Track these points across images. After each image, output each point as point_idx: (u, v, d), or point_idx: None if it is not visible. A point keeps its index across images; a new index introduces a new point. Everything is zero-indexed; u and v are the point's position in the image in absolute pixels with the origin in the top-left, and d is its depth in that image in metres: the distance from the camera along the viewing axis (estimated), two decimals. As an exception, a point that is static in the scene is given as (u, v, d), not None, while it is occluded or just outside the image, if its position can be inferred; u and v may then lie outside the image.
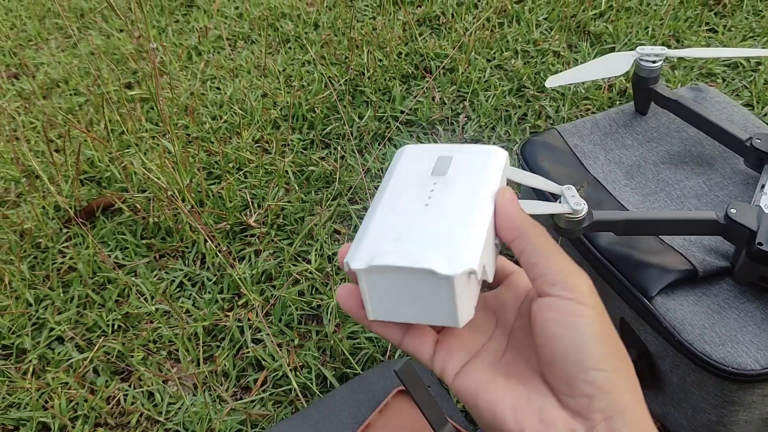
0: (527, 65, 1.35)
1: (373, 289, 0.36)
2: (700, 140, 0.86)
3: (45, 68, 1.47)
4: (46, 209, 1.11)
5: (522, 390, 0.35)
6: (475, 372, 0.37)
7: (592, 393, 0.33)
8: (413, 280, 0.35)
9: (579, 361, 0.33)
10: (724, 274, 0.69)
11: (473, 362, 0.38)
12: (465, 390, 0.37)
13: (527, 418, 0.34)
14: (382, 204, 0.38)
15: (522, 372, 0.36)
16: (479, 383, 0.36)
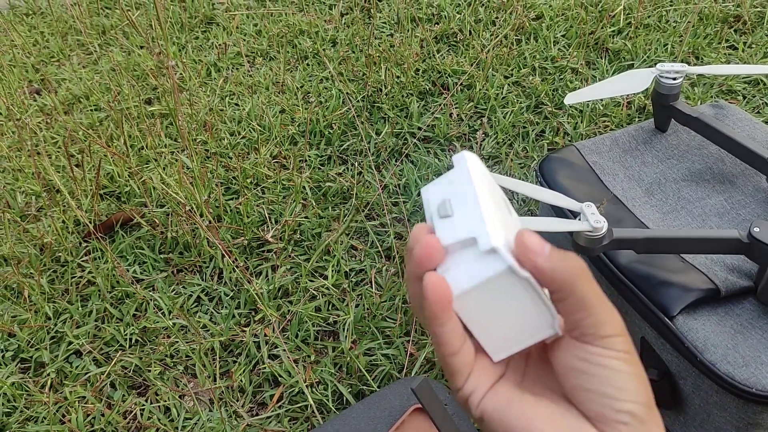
0: (545, 82, 1.34)
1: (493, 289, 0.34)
2: (722, 158, 0.85)
3: (67, 84, 1.49)
4: (66, 223, 1.12)
5: (554, 407, 0.35)
6: (503, 390, 0.36)
7: (628, 421, 0.33)
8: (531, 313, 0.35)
9: (614, 395, 0.33)
10: (747, 294, 0.68)
11: (500, 383, 0.37)
12: (495, 408, 0.36)
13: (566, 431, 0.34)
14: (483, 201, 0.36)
15: (547, 393, 0.36)
16: (508, 400, 0.36)
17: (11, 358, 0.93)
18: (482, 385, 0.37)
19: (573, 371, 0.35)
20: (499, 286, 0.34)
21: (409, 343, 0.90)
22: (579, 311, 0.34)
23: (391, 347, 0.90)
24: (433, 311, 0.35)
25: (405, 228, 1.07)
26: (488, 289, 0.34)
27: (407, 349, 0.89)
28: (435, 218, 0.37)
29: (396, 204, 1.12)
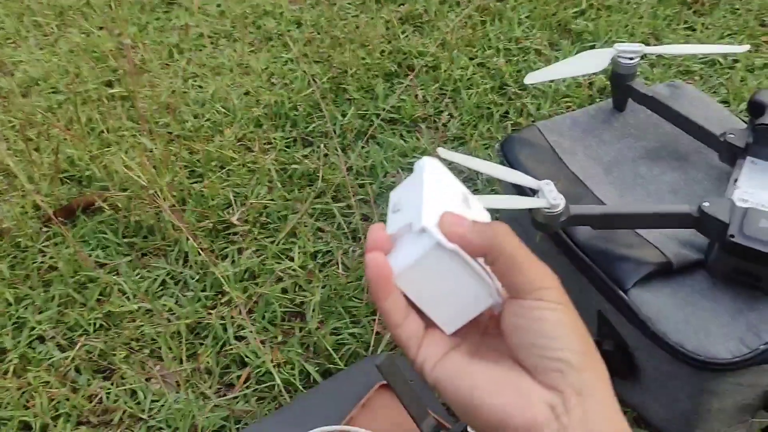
0: (509, 63, 1.36)
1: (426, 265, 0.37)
2: (677, 136, 0.87)
3: (24, 66, 1.46)
4: (25, 208, 1.11)
5: (499, 370, 0.37)
6: (454, 359, 0.39)
7: (563, 368, 0.35)
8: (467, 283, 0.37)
9: (545, 344, 0.35)
10: (699, 267, 0.70)
11: (452, 352, 0.39)
12: (444, 376, 0.38)
13: (505, 390, 0.36)
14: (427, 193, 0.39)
15: (498, 359, 0.38)
16: (458, 368, 0.38)
17: (-28, 344, 0.92)
18: (433, 355, 0.39)
19: (514, 329, 0.37)
20: (432, 262, 0.37)
21: (376, 321, 0.91)
22: (511, 269, 0.36)
23: (358, 326, 0.91)
24: (373, 287, 0.38)
25: (371, 209, 1.08)
26: (424, 265, 0.37)
27: (374, 327, 0.91)
28: (389, 214, 0.41)
29: (362, 186, 1.13)
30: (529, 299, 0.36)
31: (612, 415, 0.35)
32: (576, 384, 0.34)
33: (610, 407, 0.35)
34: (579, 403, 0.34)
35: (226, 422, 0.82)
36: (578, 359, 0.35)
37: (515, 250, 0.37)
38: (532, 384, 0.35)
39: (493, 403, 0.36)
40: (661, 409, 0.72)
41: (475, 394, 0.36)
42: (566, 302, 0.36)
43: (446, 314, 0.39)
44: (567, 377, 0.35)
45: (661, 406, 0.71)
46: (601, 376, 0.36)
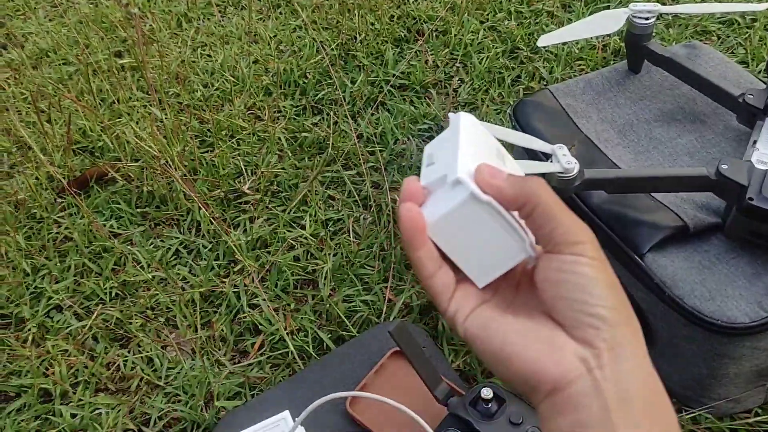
0: (521, 26, 1.33)
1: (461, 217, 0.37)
2: (693, 98, 0.85)
3: (33, 38, 1.45)
4: (39, 180, 1.11)
5: (531, 323, 0.37)
6: (486, 311, 0.39)
7: (598, 324, 0.35)
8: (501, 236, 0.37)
9: (581, 299, 0.35)
10: (715, 230, 0.69)
11: (484, 305, 0.39)
12: (475, 328, 0.38)
13: (537, 343, 0.36)
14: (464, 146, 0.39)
15: (530, 314, 0.38)
16: (489, 321, 0.38)
17: (-9, 314, 0.93)
18: (464, 307, 0.39)
19: (549, 283, 0.36)
20: (466, 213, 0.37)
21: (388, 289, 0.91)
22: (547, 223, 0.36)
23: (370, 294, 0.91)
24: (406, 237, 0.38)
25: (381, 177, 1.07)
26: (457, 216, 0.37)
27: (385, 294, 0.91)
28: (423, 167, 0.41)
29: (372, 153, 1.12)
30: (565, 253, 0.35)
31: (645, 372, 0.35)
32: (610, 340, 0.34)
33: (644, 364, 0.35)
34: (612, 359, 0.34)
35: (241, 389, 0.83)
36: (613, 315, 0.35)
37: (552, 203, 0.36)
38: (566, 338, 0.35)
39: (525, 356, 0.36)
40: (676, 374, 0.71)
41: (506, 346, 0.36)
42: (602, 258, 0.36)
43: (479, 267, 0.39)
44: (601, 333, 0.34)
45: (676, 371, 0.71)
46: (635, 333, 0.35)
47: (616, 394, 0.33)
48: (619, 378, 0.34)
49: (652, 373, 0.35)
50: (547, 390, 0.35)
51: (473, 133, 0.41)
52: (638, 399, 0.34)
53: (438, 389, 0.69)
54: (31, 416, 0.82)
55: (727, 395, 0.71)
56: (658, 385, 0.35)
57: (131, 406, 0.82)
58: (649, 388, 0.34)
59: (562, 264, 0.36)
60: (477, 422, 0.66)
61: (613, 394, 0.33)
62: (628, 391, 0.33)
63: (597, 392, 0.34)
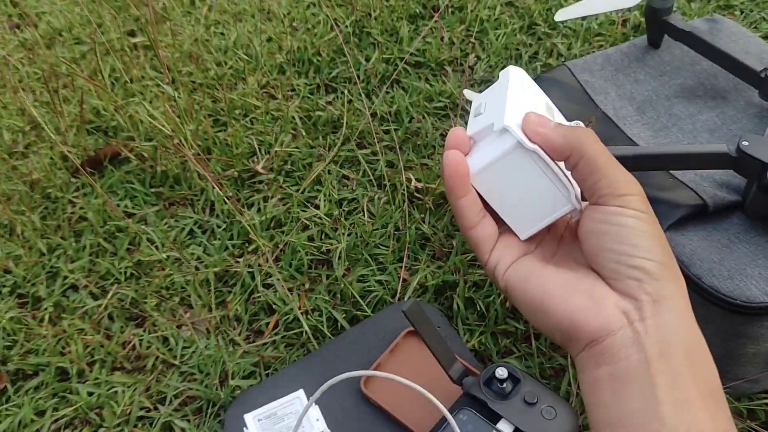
0: (538, 1, 1.31)
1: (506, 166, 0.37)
2: (714, 73, 0.83)
3: (47, 17, 1.45)
4: (53, 160, 1.11)
5: (572, 275, 0.37)
6: (527, 263, 0.38)
7: (641, 277, 0.34)
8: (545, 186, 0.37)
9: (625, 251, 0.35)
10: (735, 209, 0.68)
11: (526, 257, 0.39)
12: (515, 279, 0.38)
13: (577, 295, 0.36)
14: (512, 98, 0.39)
15: (572, 266, 0.37)
16: (530, 272, 0.38)
17: (8, 293, 0.94)
18: (506, 258, 0.39)
19: (593, 234, 0.36)
20: (512, 162, 0.36)
21: (402, 269, 0.91)
22: (593, 173, 0.35)
23: (384, 273, 0.91)
24: (449, 184, 0.38)
25: (396, 156, 1.06)
26: (503, 165, 0.36)
27: (400, 274, 0.90)
28: (470, 118, 0.40)
29: (387, 132, 1.11)
30: (611, 205, 0.35)
31: (687, 325, 0.34)
32: (653, 292, 0.34)
33: (686, 318, 0.34)
34: (655, 312, 0.34)
35: (255, 368, 0.83)
36: (657, 268, 0.34)
37: (600, 154, 0.35)
38: (607, 290, 0.35)
39: (565, 308, 0.35)
40: (693, 353, 0.70)
41: (546, 298, 0.36)
42: (649, 211, 0.36)
43: (522, 218, 0.38)
44: (644, 285, 0.34)
45: (693, 350, 0.70)
46: (679, 286, 0.35)
47: (657, 347, 0.33)
48: (661, 331, 0.33)
49: (694, 328, 0.35)
50: (586, 341, 0.35)
51: (522, 87, 0.40)
52: (679, 352, 0.33)
53: (452, 369, 0.69)
54: (48, 394, 0.83)
55: (745, 375, 0.70)
56: (700, 338, 0.35)
57: (147, 384, 0.83)
58: (691, 341, 0.34)
59: (606, 215, 0.35)
60: (491, 402, 0.65)
61: (654, 346, 0.33)
62: (669, 344, 0.33)
63: (637, 344, 0.33)
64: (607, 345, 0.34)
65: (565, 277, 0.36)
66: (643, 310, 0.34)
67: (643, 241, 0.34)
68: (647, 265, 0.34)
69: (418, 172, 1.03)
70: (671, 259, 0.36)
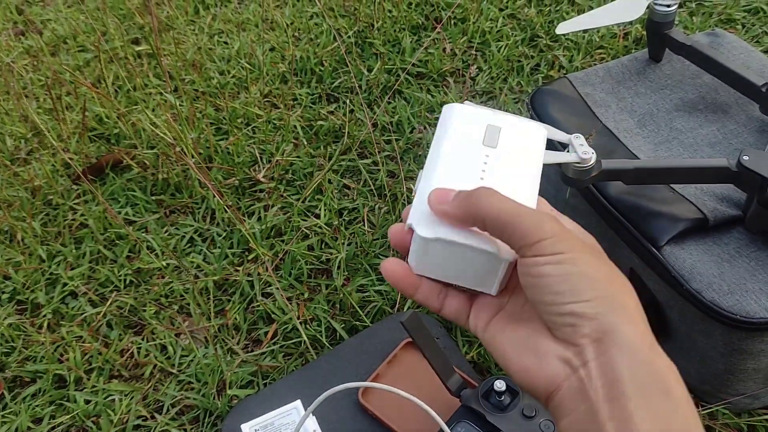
0: (540, 14, 1.31)
1: (430, 253, 0.39)
2: (715, 87, 0.83)
3: (52, 25, 1.46)
4: (55, 166, 1.12)
5: (524, 332, 0.37)
6: (495, 324, 0.39)
7: (573, 322, 0.33)
8: (471, 255, 0.38)
9: (551, 300, 0.34)
10: (736, 223, 0.68)
11: (497, 317, 0.39)
12: (488, 338, 0.39)
13: (525, 354, 0.36)
14: (440, 167, 0.40)
15: (530, 318, 0.38)
16: (496, 330, 0.38)
17: (7, 300, 0.94)
18: (481, 321, 0.40)
19: (526, 289, 0.36)
20: (430, 250, 0.38)
21: (401, 279, 0.91)
22: (503, 230, 0.35)
23: (384, 284, 0.91)
24: (398, 289, 0.40)
25: (397, 166, 1.06)
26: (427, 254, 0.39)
27: (399, 285, 0.90)
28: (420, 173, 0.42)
29: (388, 142, 1.11)
30: (528, 256, 0.35)
31: (639, 356, 0.32)
32: (591, 333, 0.33)
33: (637, 348, 0.32)
34: (598, 352, 0.32)
35: (253, 377, 0.83)
36: (589, 307, 0.33)
37: (499, 211, 0.35)
38: (550, 342, 0.35)
39: (518, 368, 0.36)
40: (693, 368, 0.70)
41: (505, 359, 0.37)
42: (568, 248, 0.34)
43: (476, 281, 0.39)
44: (579, 329, 0.33)
45: (693, 365, 0.70)
46: (623, 313, 0.33)
47: (603, 390, 0.32)
48: (606, 371, 0.32)
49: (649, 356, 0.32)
50: (543, 397, 0.35)
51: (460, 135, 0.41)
52: (630, 389, 0.31)
53: (451, 381, 0.69)
54: (45, 401, 0.82)
55: (745, 391, 0.69)
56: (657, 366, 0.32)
57: (144, 393, 0.83)
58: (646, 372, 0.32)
59: (527, 268, 0.35)
60: (490, 415, 0.65)
61: (599, 390, 0.32)
62: (617, 383, 0.31)
63: (582, 393, 0.32)
64: (558, 399, 0.34)
65: (518, 335, 0.37)
66: (584, 354, 0.33)
67: (564, 286, 0.33)
68: (576, 309, 0.33)
69: (418, 182, 1.03)
70: (608, 285, 0.34)
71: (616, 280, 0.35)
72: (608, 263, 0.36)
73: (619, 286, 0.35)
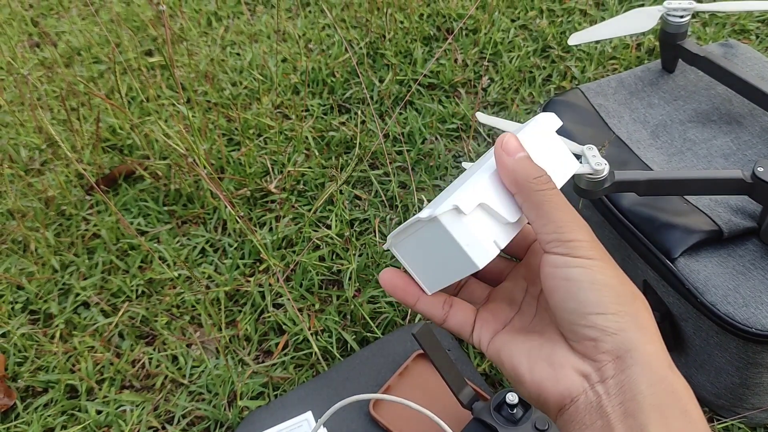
0: (552, 24, 1.31)
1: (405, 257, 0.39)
2: (729, 98, 0.83)
3: (66, 37, 1.48)
4: (69, 177, 1.12)
5: (537, 341, 0.36)
6: (502, 336, 0.38)
7: (596, 336, 0.33)
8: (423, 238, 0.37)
9: (575, 309, 0.33)
10: (751, 235, 0.67)
11: (503, 330, 0.39)
12: (493, 354, 0.38)
13: (538, 364, 0.35)
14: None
15: (543, 328, 0.37)
16: (503, 343, 0.38)
17: (20, 309, 0.94)
18: (485, 335, 0.39)
19: (548, 292, 0.35)
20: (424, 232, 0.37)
21: (413, 290, 0.90)
22: (538, 218, 0.34)
23: (395, 295, 0.90)
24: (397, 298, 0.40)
25: (409, 177, 1.06)
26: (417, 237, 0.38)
27: (411, 296, 0.90)
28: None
29: (400, 153, 1.11)
30: (556, 253, 0.34)
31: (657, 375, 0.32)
32: (612, 350, 0.32)
33: (655, 367, 0.32)
34: (618, 369, 0.32)
35: (264, 388, 0.83)
36: (613, 321, 0.32)
37: (544, 197, 0.35)
38: (567, 354, 0.34)
39: (531, 378, 0.35)
40: (708, 382, 0.69)
41: (515, 369, 0.36)
42: (600, 255, 0.34)
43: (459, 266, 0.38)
44: (601, 344, 0.33)
45: (708, 379, 0.69)
46: (644, 332, 0.33)
47: (621, 408, 0.31)
48: (625, 389, 0.32)
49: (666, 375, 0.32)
50: (555, 409, 0.34)
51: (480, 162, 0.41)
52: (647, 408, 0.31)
53: (462, 393, 0.68)
54: (57, 411, 0.82)
55: (761, 405, 0.68)
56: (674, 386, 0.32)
57: (155, 403, 0.83)
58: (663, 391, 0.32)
59: (553, 269, 0.34)
60: (502, 427, 0.64)
61: (618, 408, 0.31)
62: (635, 401, 0.31)
63: (599, 409, 0.32)
64: (572, 412, 0.33)
65: (531, 345, 0.36)
66: (603, 371, 0.32)
67: (592, 295, 0.33)
68: (600, 322, 0.32)
69: (430, 193, 1.02)
70: (631, 304, 0.33)
71: (638, 297, 0.34)
72: (629, 279, 0.36)
73: (641, 303, 0.34)
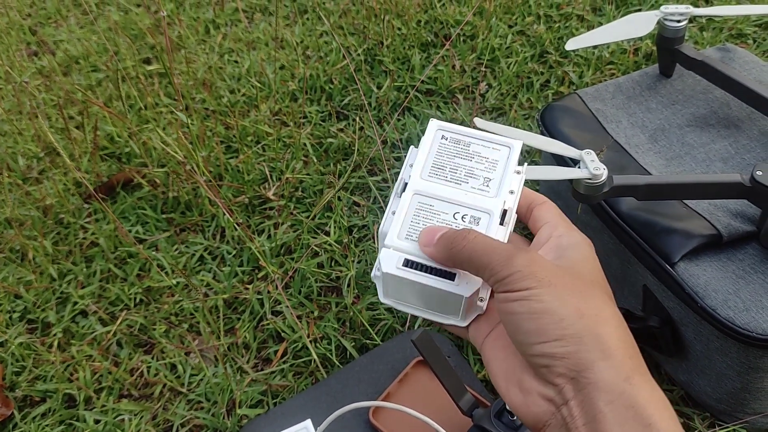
0: (550, 30, 1.31)
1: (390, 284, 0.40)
2: (727, 102, 0.83)
3: (64, 45, 1.48)
4: (67, 185, 1.12)
5: (512, 362, 0.37)
6: (491, 342, 0.39)
7: (547, 363, 0.33)
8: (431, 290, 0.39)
9: (522, 341, 0.34)
10: (750, 239, 0.67)
11: (493, 332, 0.39)
12: (484, 356, 0.39)
13: (513, 389, 0.36)
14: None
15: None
16: (491, 351, 0.39)
17: (18, 318, 0.94)
18: (479, 334, 0.40)
19: (503, 326, 0.36)
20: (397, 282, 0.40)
21: (412, 296, 0.90)
22: (477, 269, 0.36)
23: (394, 301, 0.90)
24: None
25: (407, 182, 1.06)
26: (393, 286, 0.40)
27: (410, 302, 0.89)
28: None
29: (398, 159, 1.11)
30: (499, 293, 0.35)
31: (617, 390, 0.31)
32: (567, 372, 0.32)
33: (611, 383, 0.32)
34: (576, 389, 0.32)
35: (263, 396, 0.82)
36: (559, 348, 0.32)
37: (471, 253, 0.36)
38: (532, 380, 0.35)
39: (509, 401, 0.37)
40: (709, 387, 0.69)
41: (496, 381, 0.37)
42: (537, 282, 0.33)
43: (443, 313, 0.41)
44: (554, 369, 0.33)
45: (709, 383, 0.69)
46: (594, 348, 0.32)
47: (586, 428, 0.32)
48: (586, 408, 0.32)
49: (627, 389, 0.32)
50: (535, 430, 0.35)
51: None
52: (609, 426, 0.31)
53: (462, 400, 0.68)
54: (55, 421, 0.82)
55: (762, 410, 0.68)
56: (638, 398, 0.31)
57: (154, 412, 0.82)
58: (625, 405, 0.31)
59: (500, 305, 0.35)
60: (501, 435, 0.64)
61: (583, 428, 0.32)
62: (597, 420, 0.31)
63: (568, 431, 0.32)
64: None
65: (507, 366, 0.37)
66: (563, 393, 0.32)
67: (532, 325, 0.33)
68: (546, 350, 0.33)
69: (428, 199, 1.02)
70: (577, 319, 0.33)
71: (586, 312, 0.33)
72: (581, 292, 0.34)
73: (590, 318, 0.33)
